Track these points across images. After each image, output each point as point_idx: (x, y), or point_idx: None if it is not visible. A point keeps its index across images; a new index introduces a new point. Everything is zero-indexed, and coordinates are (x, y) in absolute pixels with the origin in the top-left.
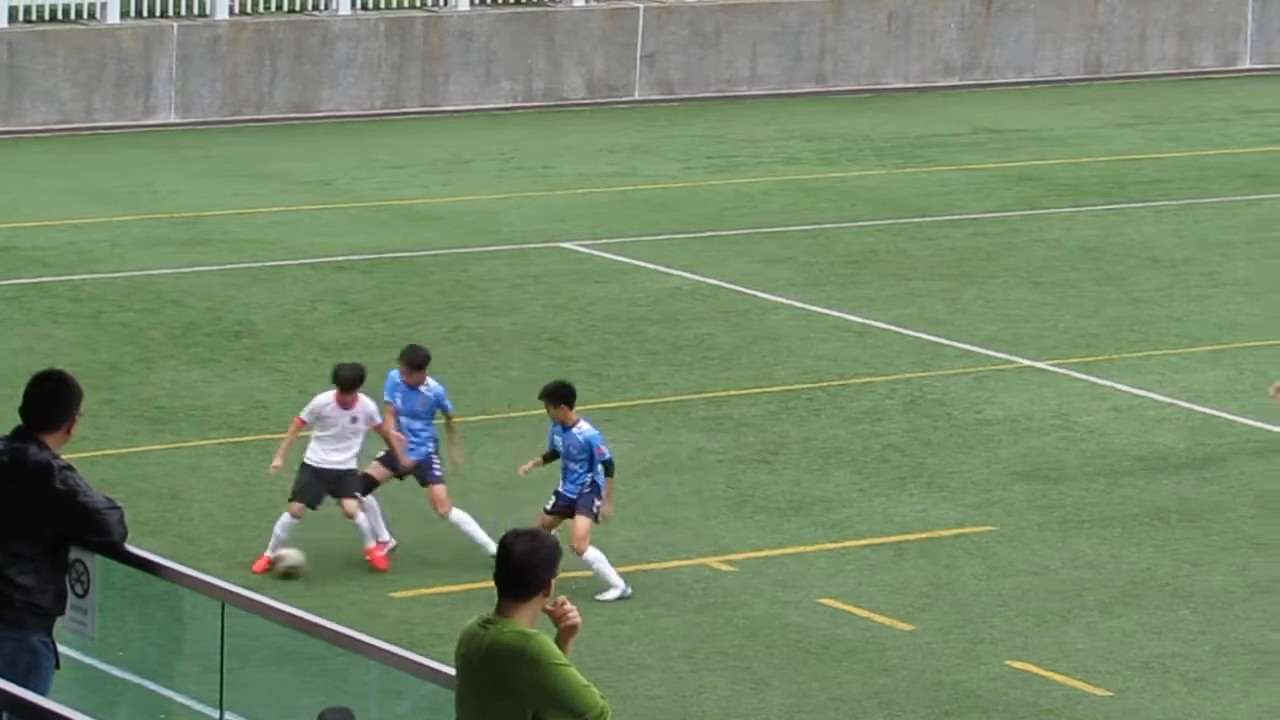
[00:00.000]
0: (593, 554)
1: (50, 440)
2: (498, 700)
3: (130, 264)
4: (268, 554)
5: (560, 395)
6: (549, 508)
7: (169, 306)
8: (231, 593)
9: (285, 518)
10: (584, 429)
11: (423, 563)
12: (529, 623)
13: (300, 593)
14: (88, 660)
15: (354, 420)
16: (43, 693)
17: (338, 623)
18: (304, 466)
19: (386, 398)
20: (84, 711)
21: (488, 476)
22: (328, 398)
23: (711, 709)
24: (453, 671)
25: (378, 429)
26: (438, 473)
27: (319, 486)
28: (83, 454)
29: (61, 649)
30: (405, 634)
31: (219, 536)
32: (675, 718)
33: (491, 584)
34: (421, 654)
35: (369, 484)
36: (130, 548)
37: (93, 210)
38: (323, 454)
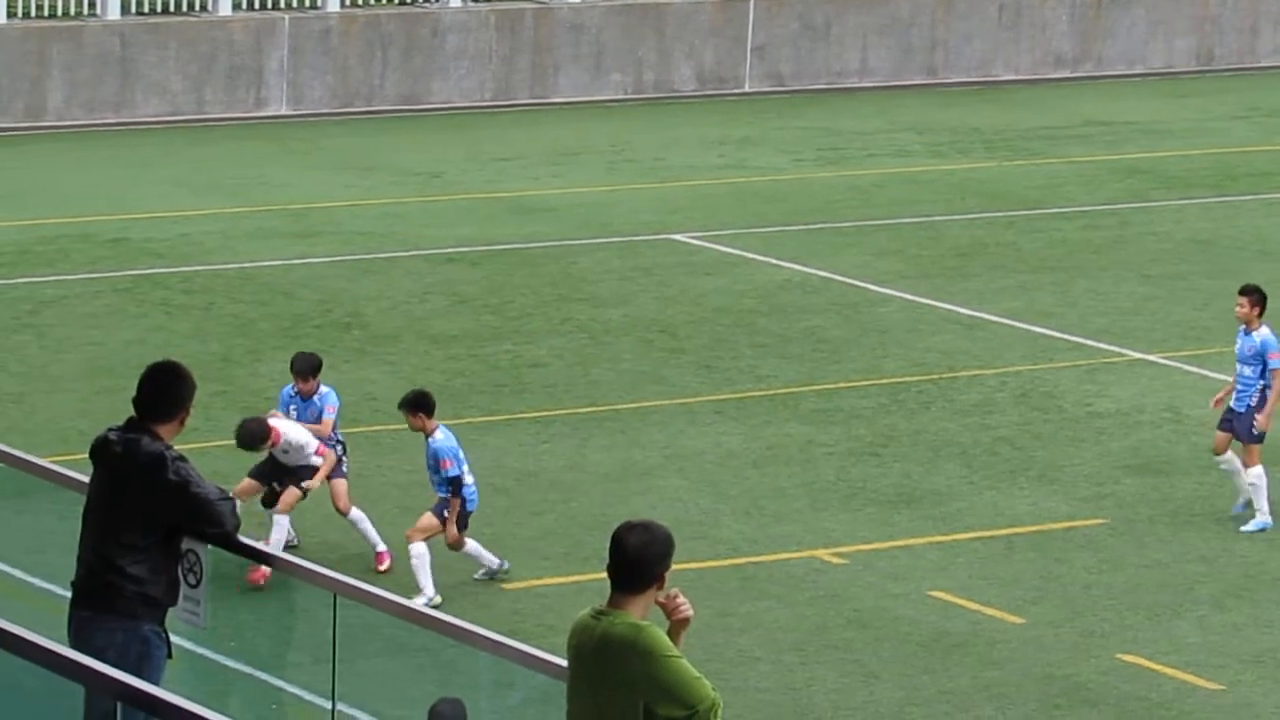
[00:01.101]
0: (415, 548)
1: (163, 431)
2: (609, 692)
3: (241, 256)
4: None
5: (418, 404)
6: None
7: (279, 298)
8: (344, 584)
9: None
10: (437, 439)
11: (533, 554)
12: (641, 615)
13: (413, 585)
14: (200, 650)
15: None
16: (155, 682)
17: (449, 614)
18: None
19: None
20: (196, 701)
21: (598, 469)
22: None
23: (821, 702)
24: (563, 663)
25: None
26: (344, 470)
27: (276, 473)
28: (194, 445)
29: (174, 639)
30: (516, 625)
31: (329, 528)
32: (785, 711)
33: (603, 576)
34: (532, 645)
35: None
36: (242, 538)
37: (204, 202)
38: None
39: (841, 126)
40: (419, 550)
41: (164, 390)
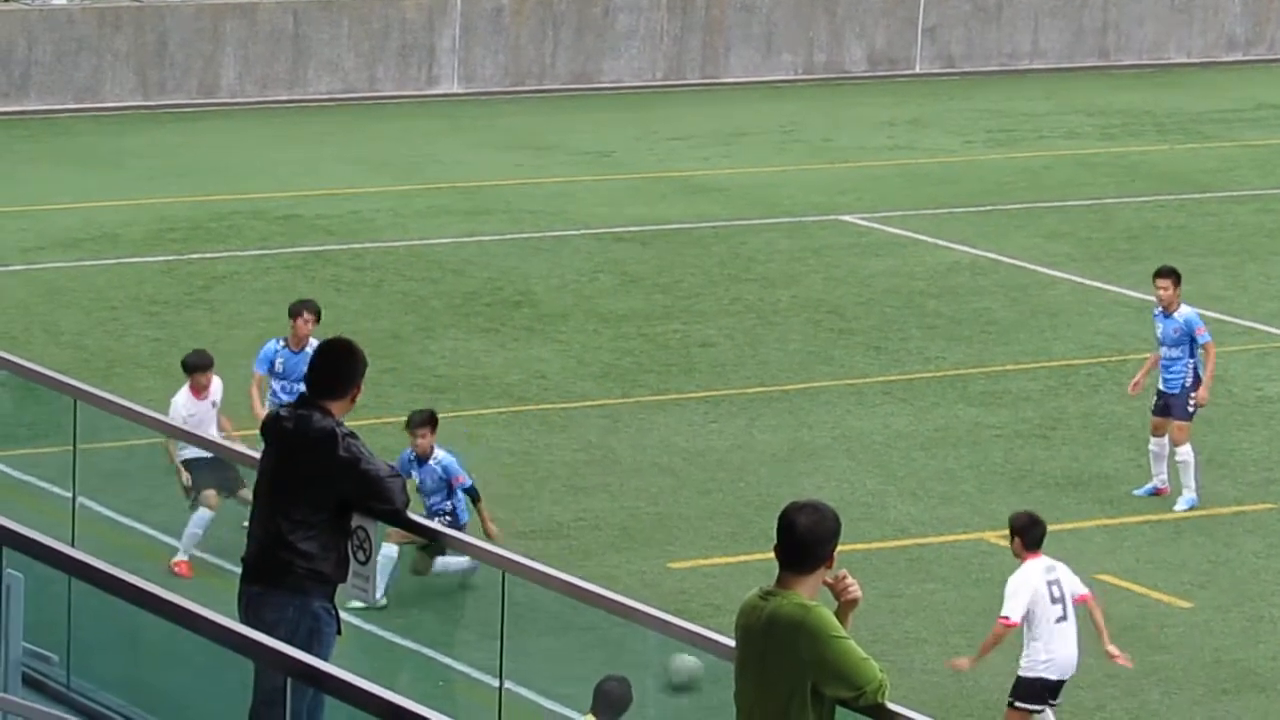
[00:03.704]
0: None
1: (334, 408)
2: (777, 672)
3: (411, 233)
4: (183, 557)
5: (434, 422)
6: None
7: (449, 276)
8: (512, 561)
9: (203, 513)
10: (443, 457)
11: (700, 533)
12: (809, 595)
13: (580, 562)
14: (369, 627)
15: (214, 405)
16: (325, 659)
17: (616, 592)
18: (189, 463)
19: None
20: (365, 677)
21: (766, 449)
22: (184, 394)
23: (987, 684)
24: (729, 642)
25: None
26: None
27: (218, 473)
28: (364, 421)
29: (344, 616)
30: (683, 604)
31: (497, 505)
32: (951, 692)
33: (770, 556)
34: (698, 624)
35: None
36: (412, 515)
37: (375, 179)
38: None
39: (1012, 108)
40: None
41: (336, 367)
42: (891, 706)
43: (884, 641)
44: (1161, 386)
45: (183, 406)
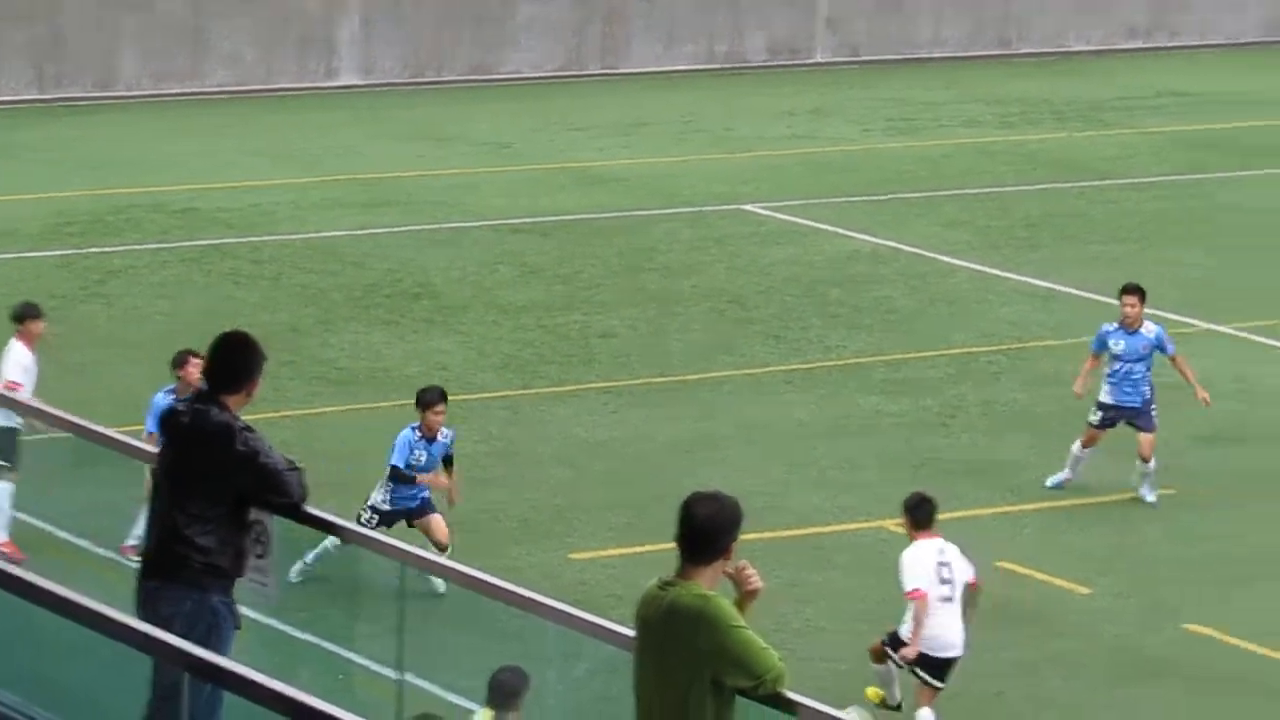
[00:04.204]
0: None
1: (231, 402)
2: (676, 662)
3: (310, 225)
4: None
5: (445, 397)
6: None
7: (349, 268)
8: (412, 554)
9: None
10: (446, 433)
11: (601, 524)
12: (709, 585)
13: (480, 555)
14: (268, 621)
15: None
16: (223, 653)
17: (516, 584)
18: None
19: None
20: (263, 672)
21: (667, 439)
22: (20, 346)
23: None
24: (630, 633)
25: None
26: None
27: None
28: (262, 415)
29: (242, 610)
30: (583, 595)
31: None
32: (853, 681)
33: (671, 546)
34: (599, 615)
35: None
36: (311, 509)
37: (274, 172)
38: None
39: (912, 97)
40: None
41: (232, 361)
42: (791, 695)
43: (785, 630)
44: (1115, 399)
45: (23, 355)
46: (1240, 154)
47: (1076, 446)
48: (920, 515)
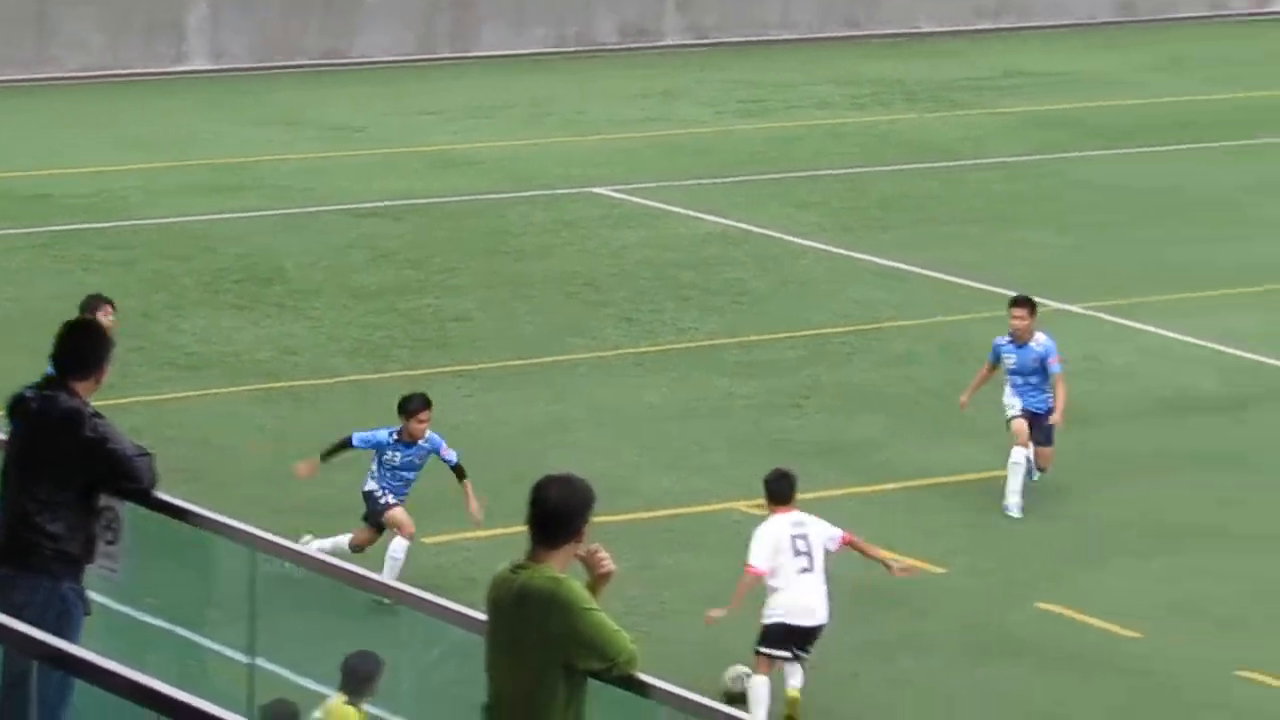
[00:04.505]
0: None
1: (80, 388)
2: (528, 645)
3: (162, 211)
4: None
5: (430, 404)
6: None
7: (200, 253)
8: (262, 539)
9: None
10: (430, 437)
11: (455, 508)
12: (561, 568)
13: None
14: (118, 607)
15: None
16: (73, 640)
17: (368, 569)
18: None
19: None
20: (114, 658)
21: (520, 423)
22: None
23: (745, 655)
24: (484, 617)
25: None
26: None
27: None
28: (112, 401)
29: (92, 595)
30: (438, 579)
31: (250, 483)
32: (706, 664)
33: (524, 529)
34: (453, 599)
35: None
36: (160, 494)
37: (125, 158)
38: None
39: (763, 79)
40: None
41: (82, 348)
42: (643, 677)
43: (638, 613)
44: (1024, 404)
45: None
46: (1089, 134)
47: (1015, 454)
48: (775, 490)
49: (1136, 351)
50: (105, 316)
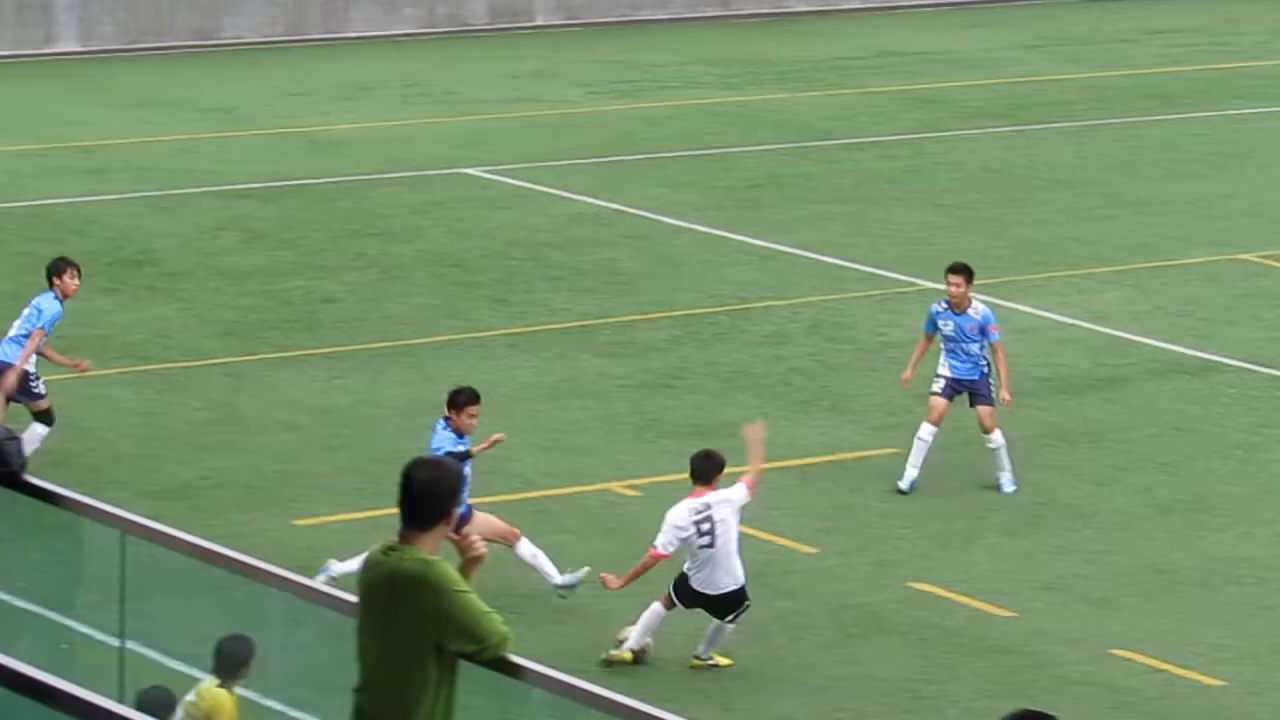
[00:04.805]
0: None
1: None
2: (399, 626)
3: (30, 193)
4: None
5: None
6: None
7: (70, 236)
8: (132, 522)
9: None
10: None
11: (327, 490)
12: (432, 550)
13: (205, 522)
14: None
15: None
16: None
17: (241, 551)
18: None
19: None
20: None
21: (392, 404)
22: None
23: (615, 635)
24: (355, 599)
25: None
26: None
27: None
28: None
29: None
30: (310, 561)
31: (121, 466)
32: (579, 644)
33: (396, 511)
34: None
35: None
36: (30, 478)
37: None
38: None
39: (635, 59)
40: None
41: None
42: (514, 659)
43: (512, 594)
44: (954, 374)
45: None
46: (960, 113)
47: (925, 429)
48: (696, 469)
49: (1008, 331)
50: (72, 280)
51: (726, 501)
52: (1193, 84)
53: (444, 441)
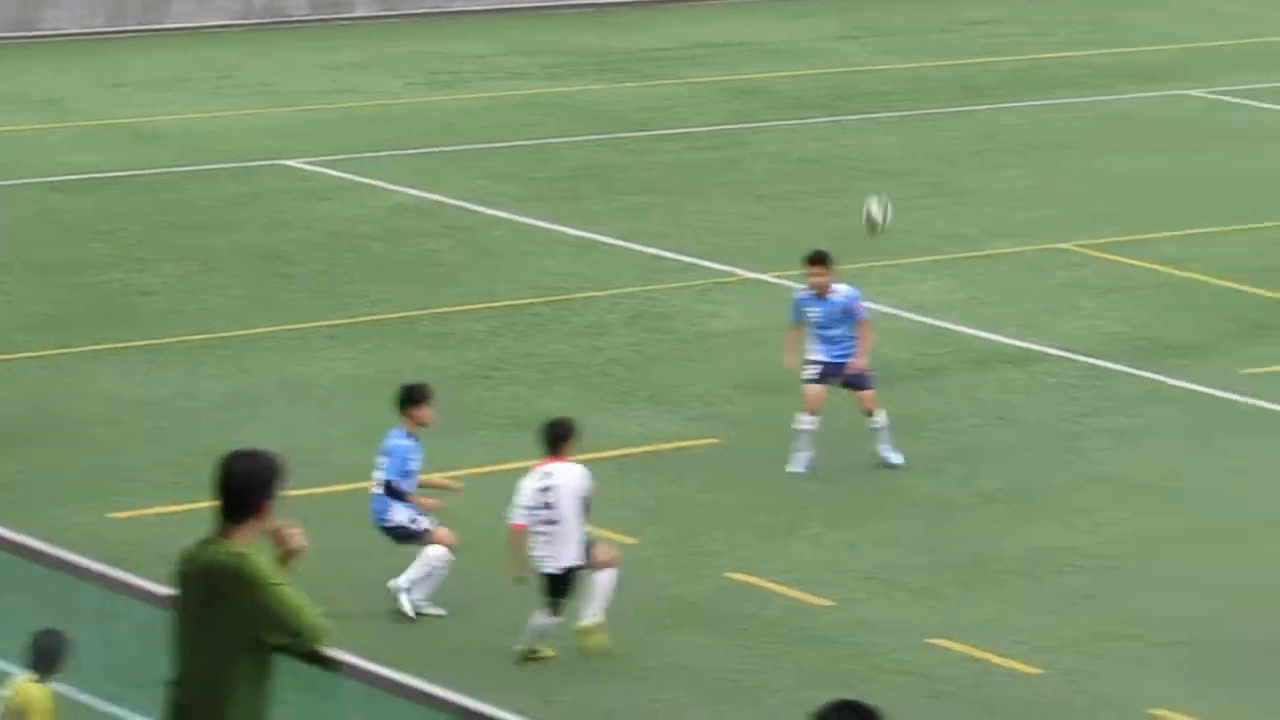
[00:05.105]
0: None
1: None
2: (215, 619)
3: None
4: None
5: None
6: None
7: None
8: None
9: None
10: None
11: (145, 483)
12: (249, 543)
13: (21, 517)
14: None
15: None
16: None
17: (58, 546)
18: None
19: None
20: None
21: (209, 397)
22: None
23: (432, 625)
24: (171, 592)
25: None
26: None
27: None
28: None
29: None
30: (126, 555)
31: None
32: (398, 639)
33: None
34: (140, 575)
35: None
36: None
37: None
38: None
39: (454, 50)
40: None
41: None
42: (330, 652)
43: (331, 588)
44: (825, 356)
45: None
46: (778, 104)
47: (804, 420)
48: (544, 439)
49: None
50: None
51: (569, 476)
52: (1008, 75)
53: (406, 453)
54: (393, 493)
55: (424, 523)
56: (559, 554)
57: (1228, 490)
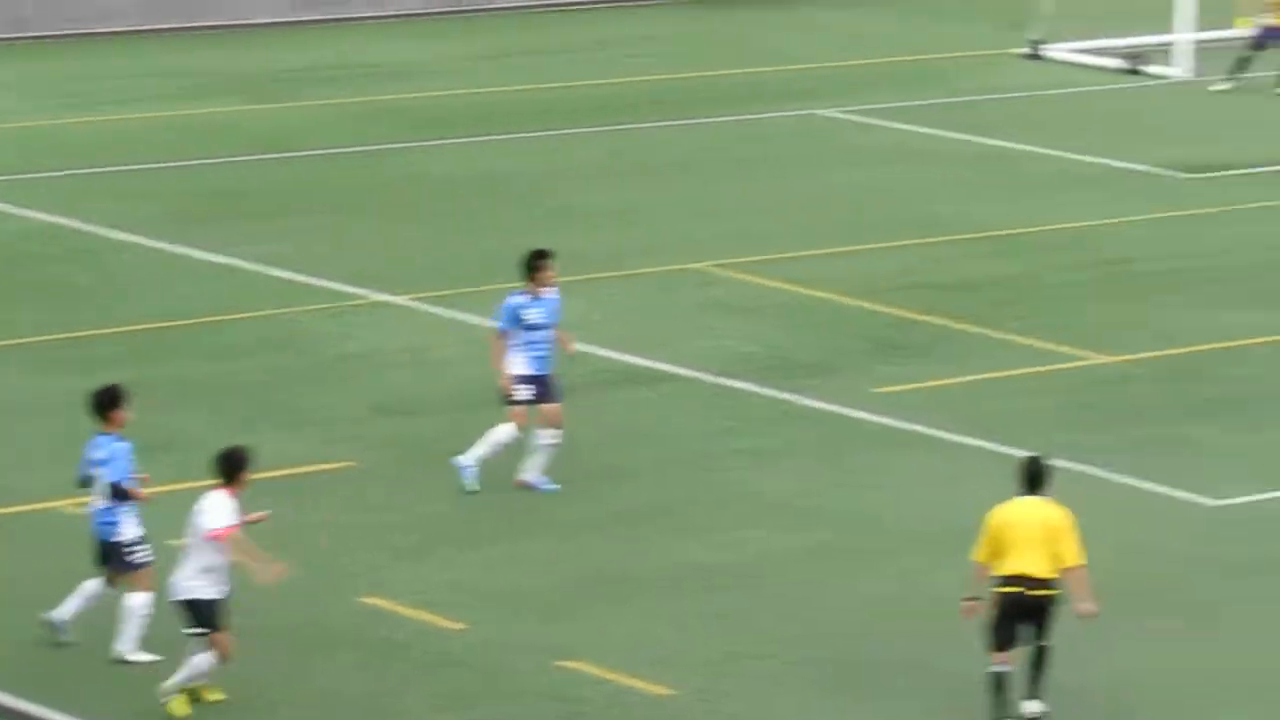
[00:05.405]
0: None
1: None
2: None
3: None
4: None
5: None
6: None
7: None
8: None
9: None
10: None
11: None
12: None
13: None
14: None
15: None
16: None
17: None
18: None
19: None
20: None
21: None
22: None
23: (55, 660)
24: None
25: None
26: None
27: None
28: None
29: None
30: None
31: None
32: (23, 666)
33: None
34: None
35: None
36: None
37: None
38: None
39: (88, 71)
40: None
41: None
42: None
43: None
44: (536, 369)
45: None
46: (419, 124)
47: (505, 432)
48: (217, 468)
49: (463, 342)
50: None
51: (206, 509)
52: (640, 96)
53: (128, 454)
54: (120, 495)
55: (141, 555)
56: (176, 581)
57: (862, 508)
